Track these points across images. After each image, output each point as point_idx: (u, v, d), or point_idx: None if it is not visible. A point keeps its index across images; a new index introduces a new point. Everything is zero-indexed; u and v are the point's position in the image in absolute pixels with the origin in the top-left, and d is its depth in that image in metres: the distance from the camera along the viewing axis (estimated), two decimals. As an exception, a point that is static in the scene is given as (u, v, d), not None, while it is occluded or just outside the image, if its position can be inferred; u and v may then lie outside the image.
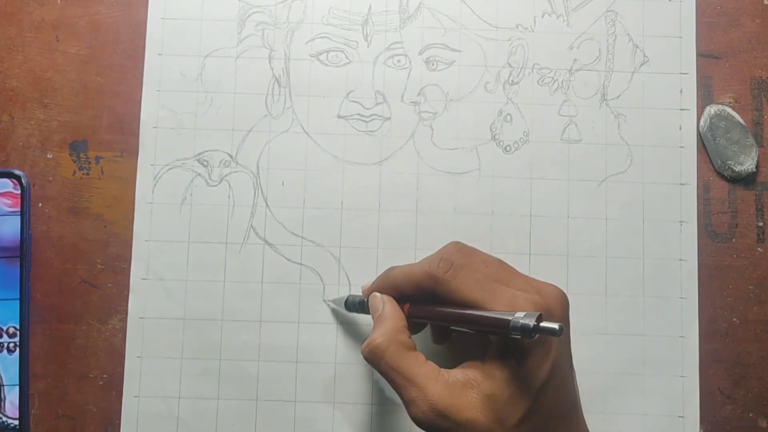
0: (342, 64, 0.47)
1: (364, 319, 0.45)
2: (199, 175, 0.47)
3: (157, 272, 0.46)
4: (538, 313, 0.34)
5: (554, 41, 0.48)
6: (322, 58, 0.47)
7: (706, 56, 0.48)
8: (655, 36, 0.48)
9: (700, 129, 0.47)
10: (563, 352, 0.37)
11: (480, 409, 0.36)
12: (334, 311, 0.46)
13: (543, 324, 0.34)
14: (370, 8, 0.48)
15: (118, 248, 0.46)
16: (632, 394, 0.45)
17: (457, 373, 0.37)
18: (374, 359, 0.38)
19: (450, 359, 0.41)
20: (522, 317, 0.34)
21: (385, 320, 0.39)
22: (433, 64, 0.47)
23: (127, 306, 0.46)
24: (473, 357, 0.38)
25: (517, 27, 0.48)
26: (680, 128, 0.47)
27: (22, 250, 0.45)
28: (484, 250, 0.46)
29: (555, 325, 0.33)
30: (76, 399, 0.45)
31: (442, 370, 0.37)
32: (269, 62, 0.47)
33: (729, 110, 0.47)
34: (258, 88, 0.47)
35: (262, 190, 0.46)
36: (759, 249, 0.46)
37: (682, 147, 0.47)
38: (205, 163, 0.47)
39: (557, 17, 0.48)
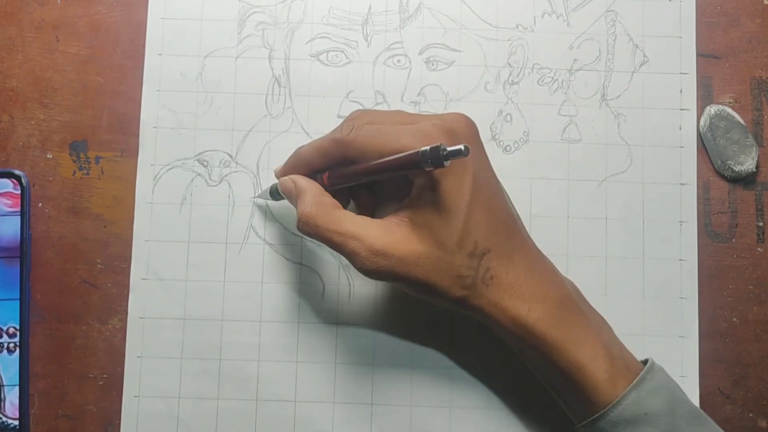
0: (342, 64, 0.47)
1: (363, 318, 0.45)
2: (199, 175, 0.47)
3: (157, 272, 0.46)
4: (440, 143, 0.34)
5: (554, 41, 0.48)
6: (322, 58, 0.47)
7: (706, 56, 0.48)
8: (655, 36, 0.48)
9: (700, 129, 0.47)
10: (482, 167, 0.39)
11: (417, 239, 0.37)
12: (265, 206, 0.46)
13: (449, 148, 0.34)
14: (370, 8, 0.48)
15: (118, 248, 0.46)
16: (632, 394, 0.45)
17: (389, 216, 0.38)
18: (308, 228, 0.39)
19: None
20: (427, 149, 0.34)
21: (304, 192, 0.40)
22: (433, 64, 0.47)
23: (127, 306, 0.46)
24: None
25: (517, 27, 0.48)
26: (680, 128, 0.47)
27: (22, 250, 0.45)
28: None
29: (459, 146, 0.34)
30: (76, 399, 0.45)
31: (375, 219, 0.38)
32: (269, 62, 0.47)
33: (729, 110, 0.47)
34: (258, 88, 0.47)
35: (262, 190, 0.46)
36: (759, 249, 0.46)
37: (682, 147, 0.47)
38: (205, 163, 0.47)
39: (557, 17, 0.48)
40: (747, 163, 0.46)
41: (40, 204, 0.46)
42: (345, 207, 0.42)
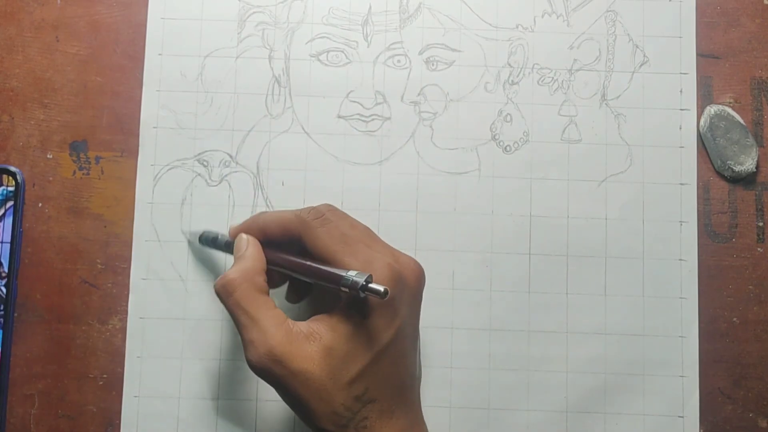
0: (342, 64, 0.47)
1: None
2: (199, 175, 0.47)
3: (157, 272, 0.46)
4: (368, 274, 0.35)
5: (554, 41, 0.48)
6: (322, 58, 0.47)
7: (706, 56, 0.48)
8: (655, 36, 0.48)
9: (700, 129, 0.47)
10: (410, 323, 0.38)
11: (316, 361, 0.36)
12: (189, 243, 0.46)
13: (371, 284, 0.35)
14: (370, 8, 0.48)
15: (118, 248, 0.46)
16: (632, 394, 0.45)
17: (303, 325, 0.37)
18: (224, 293, 0.38)
19: (307, 316, 0.41)
20: (354, 275, 0.35)
21: (245, 260, 0.39)
22: (433, 64, 0.47)
23: (127, 306, 0.46)
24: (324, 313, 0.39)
25: (517, 27, 0.48)
26: (680, 128, 0.47)
27: (12, 247, 0.45)
28: (483, 251, 0.46)
29: (380, 288, 0.34)
30: (76, 399, 0.45)
31: (290, 320, 0.38)
32: (269, 62, 0.47)
33: (729, 110, 0.47)
34: (258, 88, 0.47)
35: (262, 190, 0.46)
36: (759, 249, 0.46)
37: (682, 147, 0.47)
38: (205, 163, 0.47)
39: (557, 17, 0.48)
40: (747, 163, 0.46)
41: (40, 204, 0.46)
42: (281, 284, 0.42)
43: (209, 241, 0.44)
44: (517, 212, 0.46)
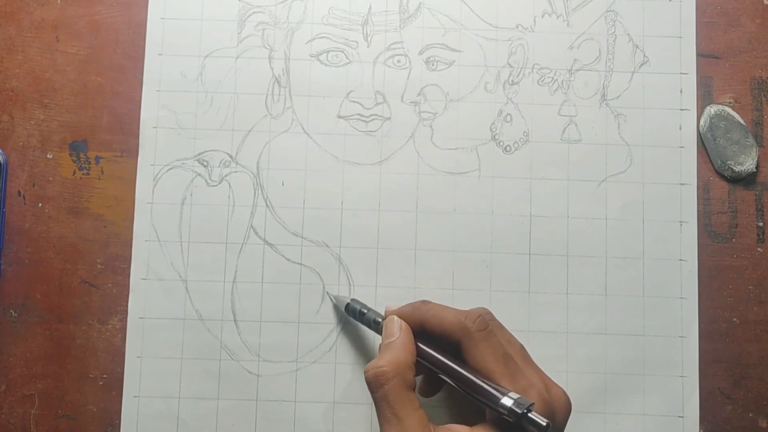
0: (342, 64, 0.47)
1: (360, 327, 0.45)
2: (199, 175, 0.47)
3: (157, 272, 0.46)
4: (531, 402, 0.34)
5: (554, 41, 0.48)
6: (322, 58, 0.47)
7: (706, 56, 0.48)
8: (655, 36, 0.48)
9: (700, 129, 0.47)
10: None
11: None
12: (334, 306, 0.46)
13: (532, 415, 0.34)
14: (370, 8, 0.48)
15: (118, 248, 0.46)
16: (632, 394, 0.45)
17: (443, 429, 0.37)
18: (375, 384, 0.38)
19: (439, 414, 0.41)
20: (516, 398, 0.35)
21: (398, 350, 0.39)
22: (433, 64, 0.47)
23: (127, 306, 0.46)
24: (463, 421, 0.38)
25: (517, 27, 0.48)
26: (680, 128, 0.47)
27: None
28: (483, 251, 0.46)
29: (543, 421, 0.34)
30: (76, 399, 0.45)
31: (432, 424, 0.37)
32: (269, 62, 0.47)
33: (729, 110, 0.47)
34: (258, 88, 0.47)
35: (262, 190, 0.46)
36: (759, 249, 0.46)
37: (682, 147, 0.47)
38: (205, 163, 0.47)
39: (557, 17, 0.48)
40: (747, 163, 0.46)
41: (40, 204, 0.46)
42: (435, 393, 0.41)
43: (355, 313, 0.43)
44: (517, 212, 0.46)
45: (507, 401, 0.35)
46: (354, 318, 0.44)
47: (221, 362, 0.45)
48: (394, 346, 0.39)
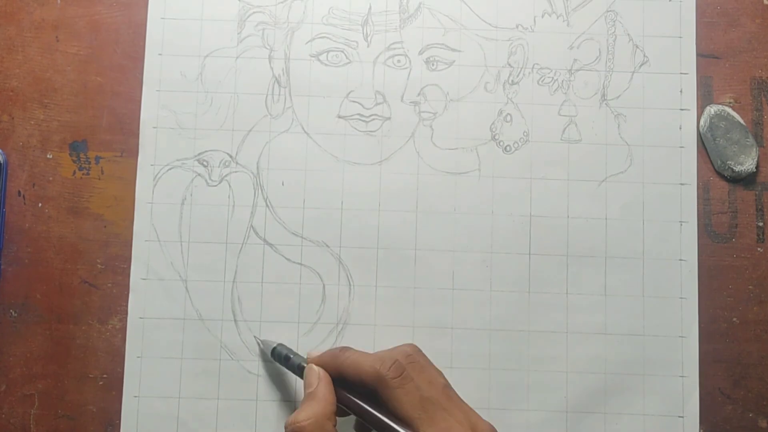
0: (342, 64, 0.47)
1: (363, 318, 0.45)
2: (199, 175, 0.47)
3: (157, 272, 0.46)
4: None
5: (554, 41, 0.48)
6: (322, 58, 0.47)
7: (706, 56, 0.48)
8: (655, 36, 0.48)
9: (700, 129, 0.47)
10: None
11: None
12: (260, 351, 0.45)
13: None
14: (370, 8, 0.48)
15: (118, 248, 0.46)
16: (632, 394, 0.45)
17: None
18: None
19: None
20: None
21: (316, 402, 0.39)
22: (433, 64, 0.47)
23: (127, 306, 0.46)
24: None
25: (517, 27, 0.48)
26: (680, 128, 0.47)
27: None
28: (483, 251, 0.46)
29: None
30: (76, 399, 0.45)
31: None
32: (269, 62, 0.47)
33: (729, 110, 0.47)
34: (258, 88, 0.47)
35: (262, 190, 0.46)
36: (759, 249, 0.46)
37: (682, 147, 0.47)
38: (205, 163, 0.47)
39: (557, 17, 0.48)
40: (747, 163, 0.46)
41: (40, 204, 0.46)
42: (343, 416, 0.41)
43: (281, 358, 0.43)
44: (517, 212, 0.46)
45: None
46: (279, 363, 0.43)
47: (221, 362, 0.45)
48: (313, 397, 0.39)
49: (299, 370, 0.42)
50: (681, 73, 0.47)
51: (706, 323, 0.46)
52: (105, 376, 0.45)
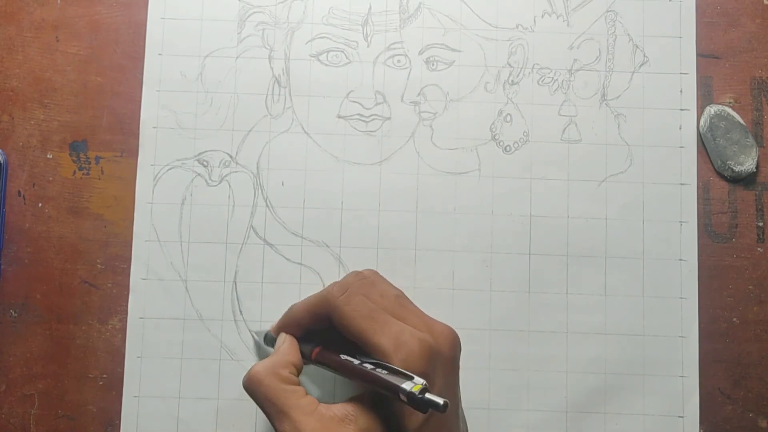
0: (342, 64, 0.47)
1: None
2: (199, 175, 0.47)
3: (157, 272, 0.46)
4: (423, 383, 0.34)
5: (554, 41, 0.48)
6: (322, 58, 0.47)
7: (706, 56, 0.48)
8: (655, 36, 0.48)
9: (700, 129, 0.47)
10: (446, 395, 0.36)
11: None
12: (255, 344, 0.45)
13: (428, 396, 0.33)
14: (370, 8, 0.48)
15: (118, 248, 0.46)
16: (632, 394, 0.45)
17: (337, 408, 0.37)
18: (250, 388, 0.38)
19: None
20: (411, 386, 0.34)
21: (275, 354, 0.39)
22: (433, 64, 0.47)
23: (127, 306, 0.46)
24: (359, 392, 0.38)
25: (517, 27, 0.48)
26: (680, 128, 0.47)
27: None
28: (483, 251, 0.46)
29: (439, 401, 0.33)
30: (76, 399, 0.45)
31: (322, 405, 0.37)
32: (269, 62, 0.47)
33: (729, 110, 0.47)
34: (258, 88, 0.47)
35: (262, 190, 0.46)
36: (759, 249, 0.46)
37: (682, 147, 0.47)
38: (205, 163, 0.47)
39: (557, 17, 0.48)
40: (747, 163, 0.46)
41: (40, 204, 0.46)
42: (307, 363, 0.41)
43: (272, 341, 0.43)
44: (517, 212, 0.46)
45: (404, 389, 0.34)
46: (271, 346, 0.43)
47: (221, 362, 0.45)
48: (275, 352, 0.40)
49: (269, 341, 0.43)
50: (681, 73, 0.47)
51: (706, 323, 0.46)
52: (105, 376, 0.45)
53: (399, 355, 0.36)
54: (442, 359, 0.37)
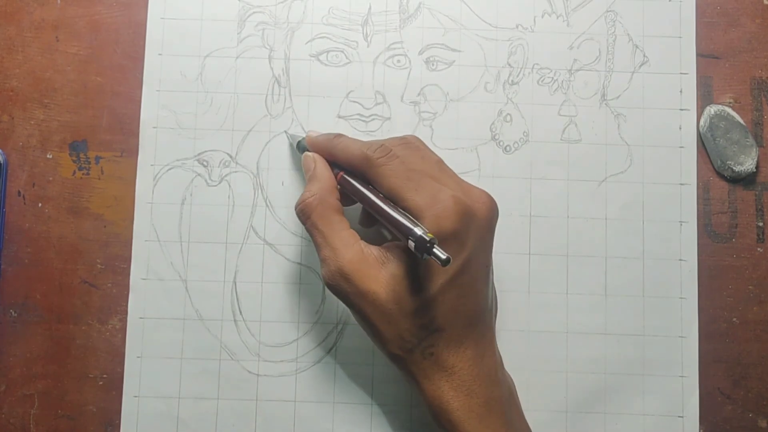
0: (342, 64, 0.47)
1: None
2: (199, 175, 0.47)
3: (157, 272, 0.46)
4: (430, 241, 0.34)
5: (554, 41, 0.48)
6: (322, 58, 0.47)
7: (706, 56, 0.48)
8: (655, 36, 0.48)
9: (700, 129, 0.47)
10: (480, 253, 0.38)
11: (383, 285, 0.37)
12: (290, 147, 0.46)
13: (435, 249, 0.34)
14: (370, 8, 0.48)
15: (118, 248, 0.46)
16: (632, 394, 0.45)
17: (375, 249, 0.38)
18: (303, 216, 0.40)
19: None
20: (421, 232, 0.34)
21: (317, 180, 0.40)
22: (433, 64, 0.47)
23: (127, 306, 0.46)
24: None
25: (517, 27, 0.48)
26: (680, 128, 0.47)
27: None
28: (484, 250, 0.46)
29: (443, 255, 0.34)
30: (76, 399, 0.45)
31: (363, 242, 0.38)
32: (269, 62, 0.47)
33: (729, 110, 0.47)
34: (258, 88, 0.47)
35: (262, 190, 0.46)
36: (759, 249, 0.46)
37: (682, 147, 0.47)
38: (205, 163, 0.47)
39: (557, 17, 0.48)
40: (747, 163, 0.46)
41: (40, 204, 0.46)
42: (352, 203, 0.42)
43: (302, 149, 0.44)
44: (517, 212, 0.46)
45: (414, 233, 0.35)
46: (300, 152, 0.44)
47: (221, 362, 0.45)
48: (313, 177, 0.41)
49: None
50: (681, 73, 0.47)
51: (706, 323, 0.46)
52: (105, 376, 0.45)
53: (433, 210, 0.36)
54: (477, 221, 0.37)
